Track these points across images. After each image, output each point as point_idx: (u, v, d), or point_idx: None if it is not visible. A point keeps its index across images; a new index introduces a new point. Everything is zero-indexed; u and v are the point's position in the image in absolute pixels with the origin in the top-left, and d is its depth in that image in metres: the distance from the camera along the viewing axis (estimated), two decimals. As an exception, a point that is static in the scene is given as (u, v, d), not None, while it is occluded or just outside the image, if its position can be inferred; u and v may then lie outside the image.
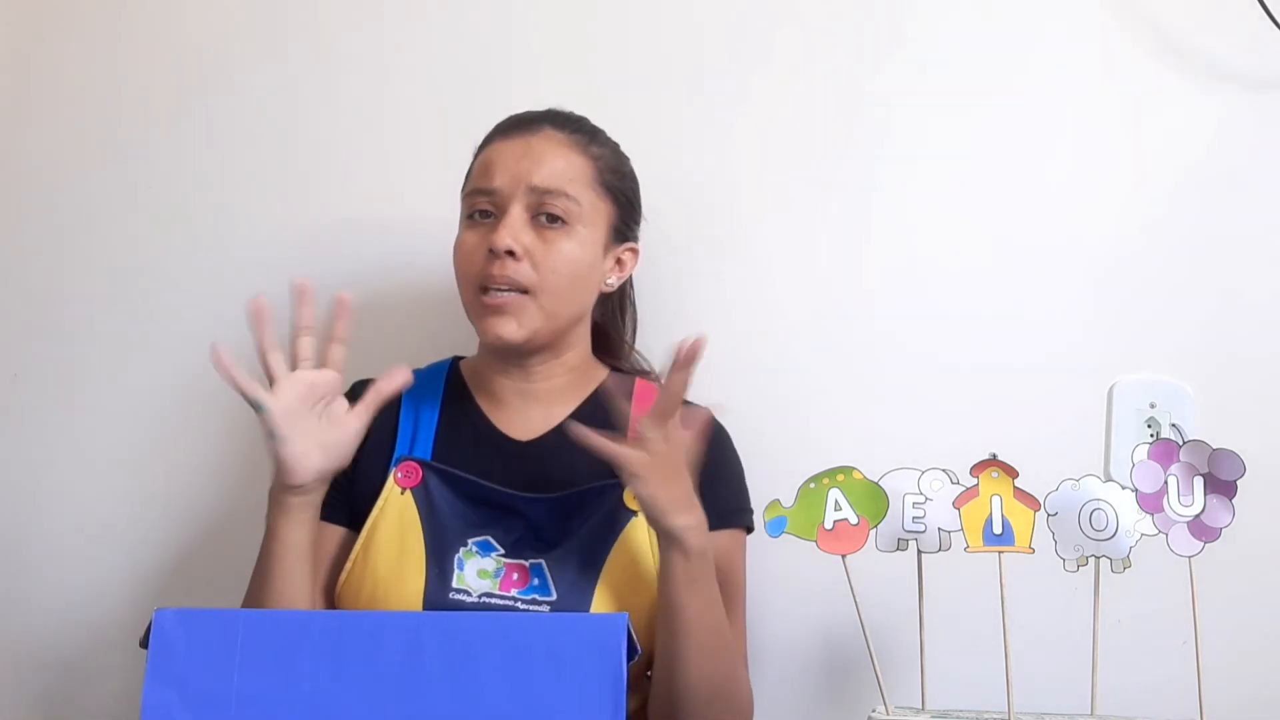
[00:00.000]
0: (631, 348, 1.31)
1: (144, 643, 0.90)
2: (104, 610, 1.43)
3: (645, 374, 1.29)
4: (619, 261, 1.21)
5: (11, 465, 1.47)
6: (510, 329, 1.13)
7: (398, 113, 1.46)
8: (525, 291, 1.13)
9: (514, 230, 1.12)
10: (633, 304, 1.31)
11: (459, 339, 1.27)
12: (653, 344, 1.31)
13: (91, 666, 1.42)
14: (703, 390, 1.30)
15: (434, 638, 0.88)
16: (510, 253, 1.12)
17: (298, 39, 1.49)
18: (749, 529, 1.20)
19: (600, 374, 1.23)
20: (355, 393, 1.23)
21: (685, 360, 1.03)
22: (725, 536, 1.16)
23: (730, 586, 1.14)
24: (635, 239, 1.24)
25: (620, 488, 1.12)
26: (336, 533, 1.16)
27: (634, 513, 1.11)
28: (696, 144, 1.41)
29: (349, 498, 1.16)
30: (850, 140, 1.39)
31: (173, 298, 1.46)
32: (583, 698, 0.86)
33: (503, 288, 1.12)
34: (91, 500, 1.45)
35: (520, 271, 1.12)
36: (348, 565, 1.12)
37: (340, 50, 1.48)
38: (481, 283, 1.13)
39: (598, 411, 1.16)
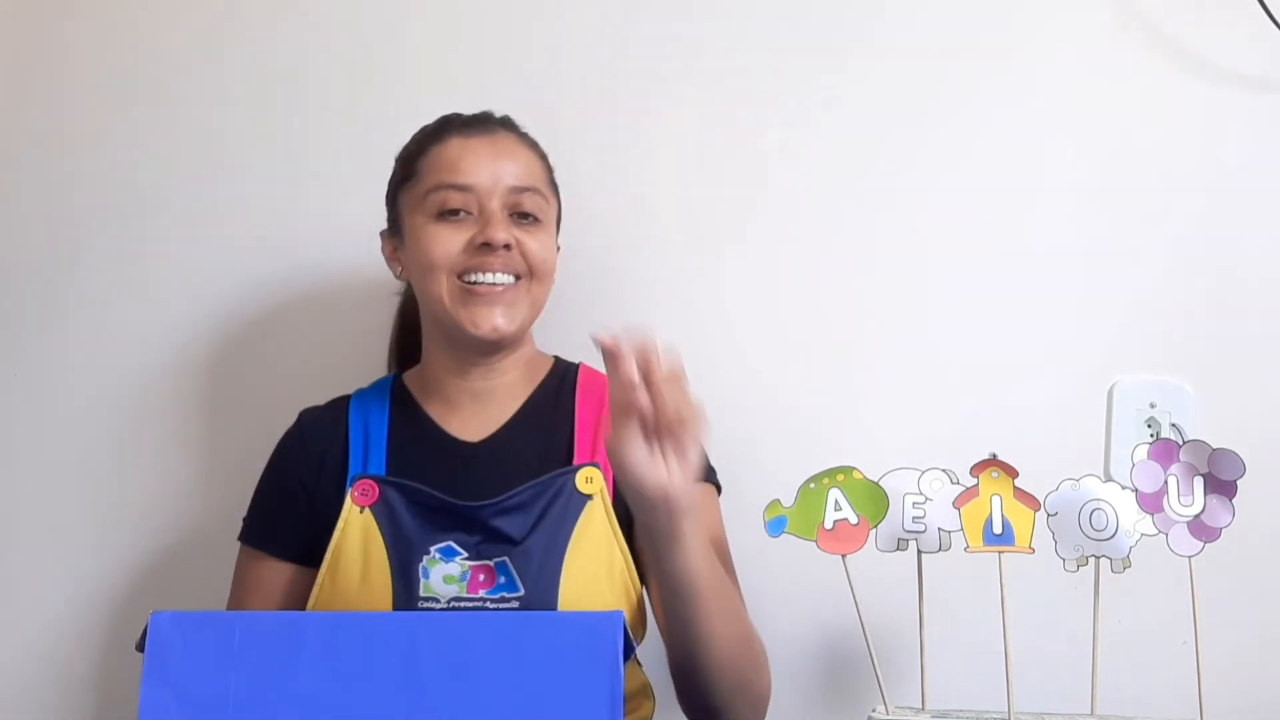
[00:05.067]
0: None
1: (140, 646, 0.90)
2: (102, 611, 1.42)
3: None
4: None
5: (10, 464, 1.47)
6: (501, 322, 1.13)
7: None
8: (519, 277, 1.13)
9: (505, 225, 1.13)
10: None
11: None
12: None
13: (87, 668, 1.42)
14: (703, 390, 1.31)
15: (430, 638, 0.88)
16: (506, 246, 1.12)
17: (278, 32, 1.47)
18: (718, 486, 1.19)
19: (545, 365, 1.23)
20: (302, 423, 1.22)
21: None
22: (699, 491, 1.11)
23: (716, 544, 1.13)
24: None
25: (573, 474, 1.12)
26: (285, 569, 1.16)
27: (589, 497, 1.12)
28: (700, 142, 1.40)
29: (307, 528, 1.15)
30: (847, 141, 1.39)
31: (168, 299, 1.46)
32: (580, 696, 0.86)
33: (495, 274, 1.12)
34: (89, 498, 1.44)
35: (514, 260, 1.13)
36: (314, 590, 1.11)
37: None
38: (464, 272, 1.12)
39: (545, 404, 1.18)
